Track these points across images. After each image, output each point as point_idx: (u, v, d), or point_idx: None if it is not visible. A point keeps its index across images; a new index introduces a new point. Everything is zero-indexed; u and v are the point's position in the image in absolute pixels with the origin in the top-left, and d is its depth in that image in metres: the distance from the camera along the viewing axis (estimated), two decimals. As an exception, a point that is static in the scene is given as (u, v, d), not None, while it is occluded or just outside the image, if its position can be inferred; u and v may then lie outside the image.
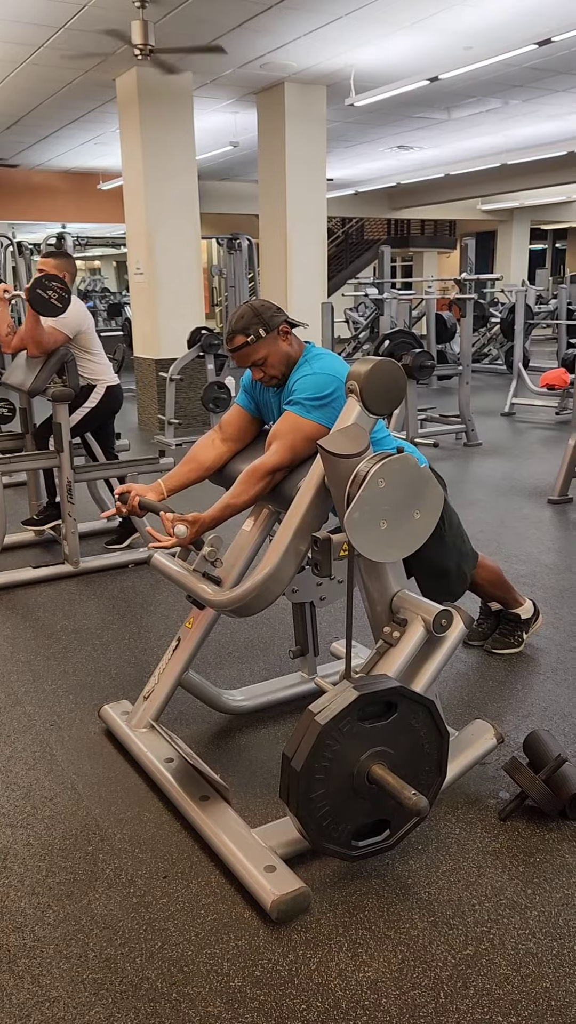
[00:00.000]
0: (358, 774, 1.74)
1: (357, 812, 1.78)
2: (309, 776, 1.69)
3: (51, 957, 1.70)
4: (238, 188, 13.87)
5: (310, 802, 1.71)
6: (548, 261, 23.27)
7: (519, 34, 6.27)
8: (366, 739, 1.74)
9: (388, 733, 1.76)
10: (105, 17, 5.84)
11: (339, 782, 1.73)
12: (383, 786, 1.71)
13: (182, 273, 7.77)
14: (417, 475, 1.88)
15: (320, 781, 1.71)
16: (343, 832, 1.78)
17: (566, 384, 7.73)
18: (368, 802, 1.78)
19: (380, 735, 1.75)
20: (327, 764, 1.71)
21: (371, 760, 1.74)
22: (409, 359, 5.67)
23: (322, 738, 1.68)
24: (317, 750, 1.68)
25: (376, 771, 1.72)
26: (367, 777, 1.73)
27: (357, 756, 1.73)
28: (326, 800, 1.73)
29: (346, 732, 1.71)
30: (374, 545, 1.84)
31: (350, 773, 1.74)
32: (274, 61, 7.11)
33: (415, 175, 13.87)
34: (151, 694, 2.44)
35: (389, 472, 1.82)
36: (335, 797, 1.74)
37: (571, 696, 2.69)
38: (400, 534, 1.88)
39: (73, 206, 13.27)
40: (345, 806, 1.76)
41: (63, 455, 3.85)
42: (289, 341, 2.32)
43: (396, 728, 1.77)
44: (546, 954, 1.67)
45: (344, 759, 1.73)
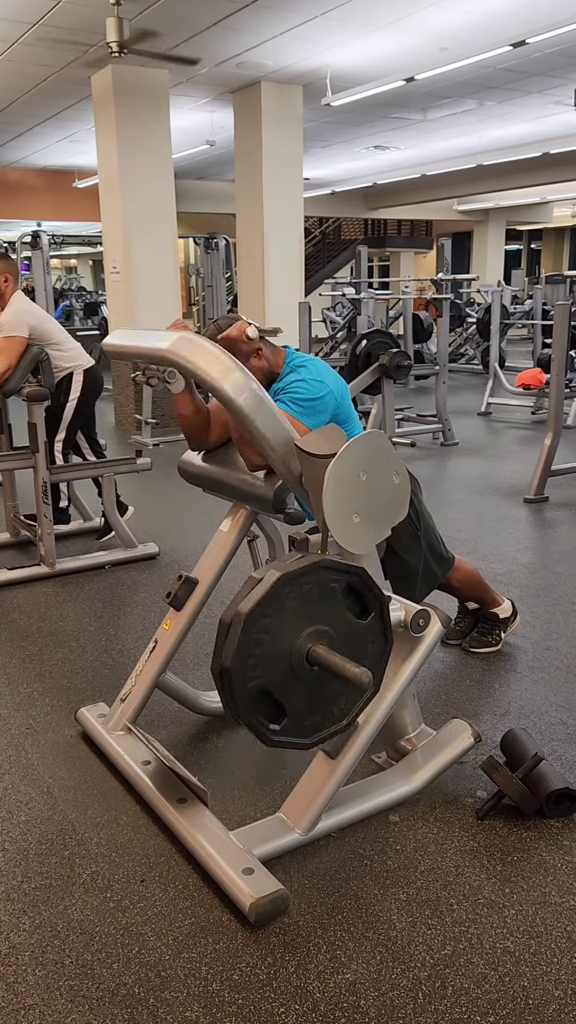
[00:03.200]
0: (296, 657, 1.64)
1: (292, 695, 1.67)
2: (249, 632, 1.58)
3: (26, 964, 1.68)
4: (215, 187, 13.84)
5: (244, 666, 1.60)
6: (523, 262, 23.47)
7: (494, 36, 6.30)
8: (299, 619, 1.64)
9: (322, 611, 1.67)
10: (80, 13, 5.80)
11: (277, 669, 1.63)
12: (324, 665, 1.62)
13: (159, 272, 7.74)
14: (381, 442, 1.85)
15: (259, 644, 1.61)
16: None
17: (541, 384, 7.79)
18: (305, 687, 1.68)
19: (314, 613, 1.66)
20: (268, 626, 1.61)
21: (309, 641, 1.64)
22: (386, 359, 5.67)
23: (272, 593, 1.58)
24: (263, 605, 1.58)
25: (315, 651, 1.63)
26: (306, 656, 1.64)
27: (292, 640, 1.64)
28: (260, 668, 1.62)
29: (294, 598, 1.62)
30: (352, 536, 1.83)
31: (288, 648, 1.64)
32: (250, 60, 7.10)
33: (391, 175, 13.91)
34: (128, 696, 2.43)
35: (353, 451, 1.79)
36: (270, 668, 1.63)
37: (548, 695, 2.70)
38: (383, 505, 1.85)
39: (48, 204, 13.16)
40: (280, 684, 1.66)
41: (38, 456, 3.81)
42: (262, 357, 2.29)
43: (330, 604, 1.68)
44: (523, 953, 1.68)
45: (284, 628, 1.63)
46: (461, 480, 5.75)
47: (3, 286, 4.03)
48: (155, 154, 7.51)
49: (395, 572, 2.40)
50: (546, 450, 5.08)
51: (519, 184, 13.95)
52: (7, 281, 4.04)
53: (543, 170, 12.83)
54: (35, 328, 4.02)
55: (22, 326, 3.94)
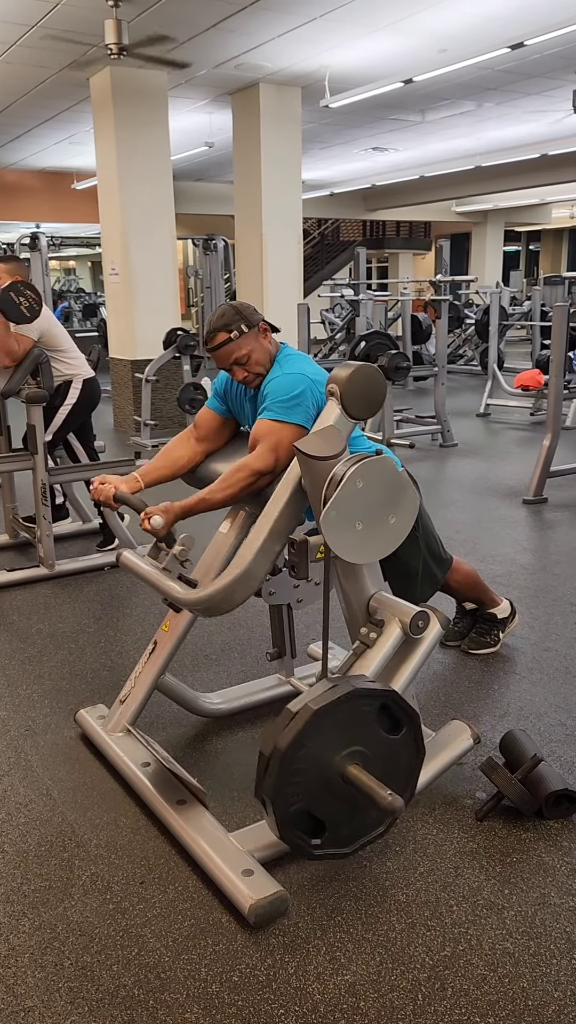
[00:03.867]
0: (333, 777, 1.72)
1: (330, 811, 1.75)
2: (288, 764, 1.65)
3: (26, 966, 1.68)
4: (214, 189, 13.84)
5: (285, 794, 1.67)
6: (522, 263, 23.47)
7: (492, 37, 6.31)
8: (334, 744, 1.71)
9: (356, 732, 1.73)
10: (79, 16, 5.80)
11: (316, 791, 1.71)
12: (358, 787, 1.69)
13: (158, 274, 7.74)
14: (394, 478, 1.88)
15: (297, 772, 1.67)
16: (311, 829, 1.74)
17: (540, 385, 7.79)
18: (342, 802, 1.75)
19: (348, 736, 1.72)
20: (305, 756, 1.67)
21: (345, 761, 1.71)
22: (385, 360, 5.67)
23: (308, 727, 1.64)
24: (299, 739, 1.64)
25: (351, 772, 1.71)
26: (342, 776, 1.71)
27: (330, 761, 1.71)
28: (300, 793, 1.69)
29: (329, 726, 1.67)
30: (350, 546, 1.84)
31: (325, 770, 1.70)
32: (249, 62, 7.10)
33: (390, 177, 13.92)
34: (127, 698, 2.43)
35: (367, 473, 1.81)
36: (310, 792, 1.70)
37: (546, 696, 2.71)
38: (376, 536, 1.88)
39: (47, 206, 13.16)
40: (319, 803, 1.73)
41: (37, 457, 3.81)
42: (269, 339, 2.32)
43: (363, 725, 1.73)
44: (523, 954, 1.68)
45: (321, 754, 1.69)
46: (460, 481, 5.76)
47: None
48: (154, 156, 7.52)
49: (395, 574, 2.40)
50: (545, 451, 5.08)
51: (517, 185, 13.97)
52: None
53: (541, 171, 12.85)
54: (45, 332, 4.03)
55: (33, 328, 3.95)
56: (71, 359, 4.20)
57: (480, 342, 11.08)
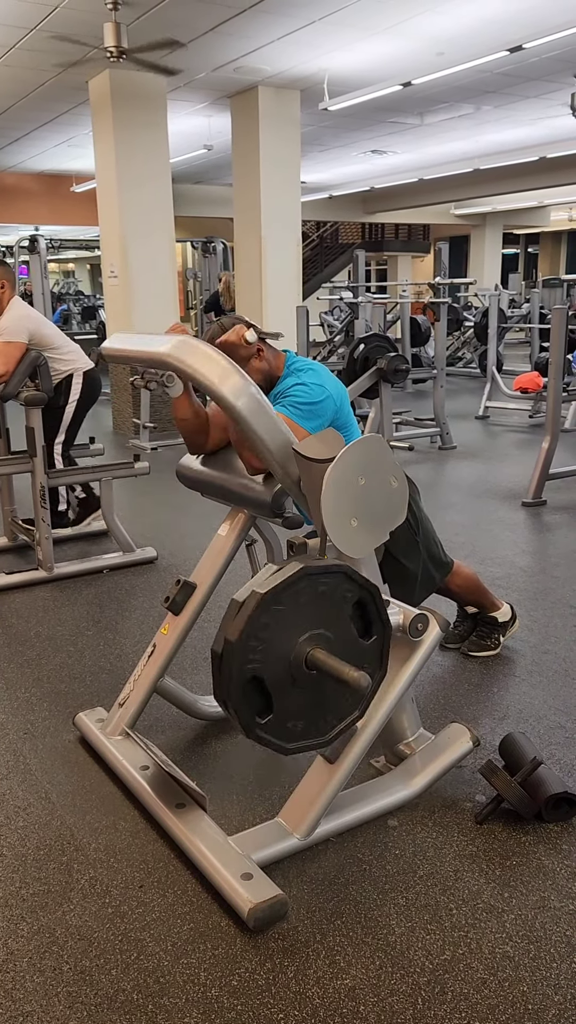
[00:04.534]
0: (296, 657, 1.63)
1: (296, 703, 1.67)
2: (246, 650, 1.59)
3: (24, 970, 1.67)
4: (212, 191, 13.85)
5: (245, 684, 1.60)
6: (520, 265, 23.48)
7: (491, 41, 6.32)
8: (306, 618, 1.64)
9: (329, 617, 1.67)
10: (78, 19, 5.81)
11: (276, 660, 1.62)
12: (322, 668, 1.61)
13: (157, 276, 7.74)
14: (378, 446, 1.85)
15: (255, 657, 1.61)
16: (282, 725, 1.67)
17: (539, 388, 7.80)
18: (307, 692, 1.67)
19: (321, 617, 1.66)
20: (264, 638, 1.61)
21: (310, 643, 1.64)
22: (384, 363, 5.68)
23: (260, 609, 1.58)
24: (254, 622, 1.58)
25: (315, 654, 1.62)
26: (305, 660, 1.63)
27: (295, 638, 1.63)
28: (258, 662, 1.62)
29: (284, 607, 1.61)
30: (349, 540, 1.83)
31: (287, 656, 1.63)
32: (248, 65, 7.11)
33: (389, 179, 13.94)
34: (126, 701, 2.42)
35: (351, 455, 1.79)
36: (270, 677, 1.63)
37: (546, 699, 2.70)
38: (381, 507, 1.86)
39: (46, 208, 13.18)
40: (280, 692, 1.66)
41: (36, 460, 3.81)
42: (263, 359, 2.31)
43: (337, 612, 1.68)
44: (523, 957, 1.67)
45: (281, 639, 1.62)
46: (459, 484, 5.76)
47: (0, 292, 4.04)
48: (153, 158, 7.52)
49: (394, 576, 2.40)
50: (544, 454, 5.08)
51: (516, 188, 13.98)
52: (3, 287, 4.05)
53: (540, 174, 12.86)
54: (34, 333, 4.04)
55: (22, 332, 3.95)
56: (66, 354, 4.21)
57: (479, 344, 11.09)
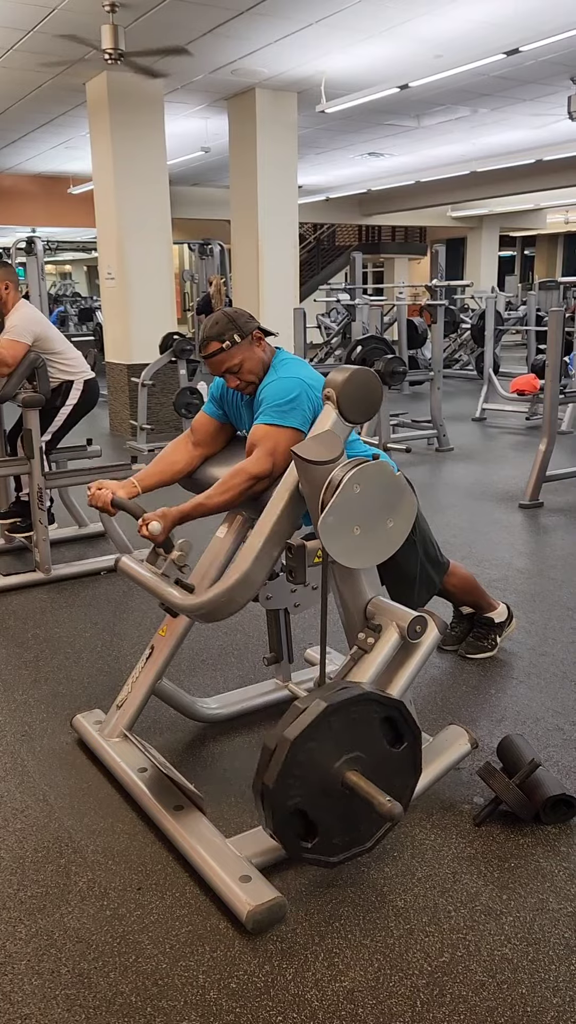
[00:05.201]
0: (333, 782, 1.72)
1: (324, 816, 1.75)
2: (292, 757, 1.66)
3: (23, 973, 1.67)
4: (210, 193, 13.86)
5: (285, 786, 1.68)
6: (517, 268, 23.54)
7: (488, 44, 6.33)
8: (338, 746, 1.72)
9: (360, 738, 1.74)
10: (75, 21, 5.81)
11: (314, 791, 1.71)
12: (357, 792, 1.69)
13: (154, 278, 7.74)
14: (392, 482, 1.88)
15: (299, 767, 1.68)
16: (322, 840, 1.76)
17: (536, 390, 7.81)
18: (346, 807, 1.76)
19: (352, 740, 1.73)
20: (309, 753, 1.68)
21: (345, 767, 1.72)
22: (381, 365, 5.68)
23: (292, 754, 1.66)
24: (288, 765, 1.66)
25: (350, 778, 1.71)
26: (341, 783, 1.71)
27: (331, 764, 1.72)
28: (299, 791, 1.70)
29: (315, 743, 1.69)
30: (348, 551, 1.84)
31: (325, 782, 1.72)
32: (245, 67, 7.12)
33: (386, 182, 13.96)
34: (124, 703, 2.42)
35: (364, 478, 1.82)
36: (308, 791, 1.71)
37: (544, 700, 2.70)
38: (373, 540, 1.88)
39: (43, 210, 13.18)
40: (315, 805, 1.73)
41: (33, 462, 3.81)
42: (263, 347, 2.33)
43: (367, 732, 1.75)
44: (521, 960, 1.68)
45: (317, 770, 1.70)
46: (456, 485, 5.76)
47: (4, 293, 4.04)
48: (150, 160, 7.53)
49: (392, 578, 2.40)
50: (541, 456, 5.09)
51: (513, 191, 14.01)
52: (8, 288, 4.04)
53: (536, 177, 12.89)
54: (39, 336, 4.04)
55: (28, 333, 3.96)
56: (67, 361, 4.20)
57: (476, 346, 11.10)
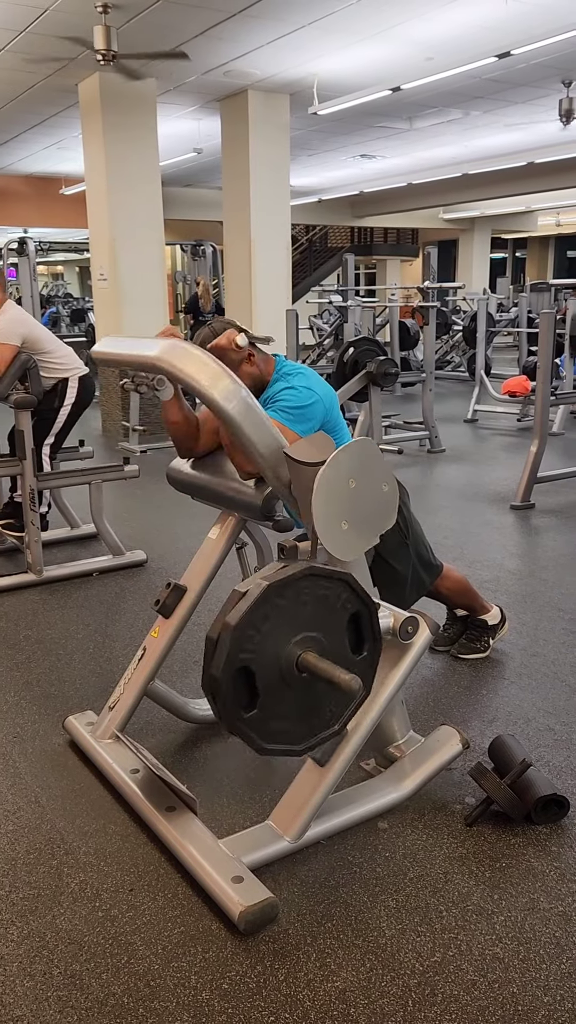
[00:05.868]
0: (288, 658, 1.65)
1: (281, 704, 1.68)
2: (243, 638, 1.60)
3: (14, 975, 1.67)
4: (202, 194, 13.86)
5: (235, 672, 1.61)
6: (508, 270, 23.62)
7: (480, 46, 6.36)
8: (303, 620, 1.66)
9: (325, 620, 1.68)
10: (67, 22, 5.80)
11: (267, 660, 1.64)
12: (314, 670, 1.62)
13: (146, 279, 7.74)
14: (371, 451, 1.87)
15: (249, 651, 1.62)
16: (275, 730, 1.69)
17: (527, 391, 7.83)
18: (292, 696, 1.68)
19: (316, 620, 1.68)
20: (259, 635, 1.62)
21: (303, 645, 1.65)
22: (373, 366, 5.69)
23: (264, 599, 1.59)
24: (254, 610, 1.59)
25: (308, 657, 1.64)
26: (297, 662, 1.64)
27: (290, 638, 1.65)
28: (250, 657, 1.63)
29: (286, 603, 1.63)
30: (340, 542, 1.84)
31: (280, 655, 1.64)
32: (237, 69, 7.12)
33: (378, 184, 13.99)
34: (116, 704, 2.42)
35: (343, 458, 1.80)
36: (260, 676, 1.64)
37: (535, 701, 2.72)
38: (372, 515, 1.86)
39: (35, 211, 13.15)
40: (275, 700, 1.67)
41: (26, 463, 3.80)
42: (253, 363, 2.32)
43: (333, 619, 1.69)
44: (512, 959, 1.68)
45: (277, 635, 1.64)
46: (448, 487, 5.78)
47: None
48: (142, 161, 7.52)
49: (384, 579, 2.40)
50: (532, 457, 5.10)
51: (504, 193, 14.07)
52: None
53: (528, 179, 12.94)
54: (27, 336, 4.03)
55: (15, 335, 3.95)
56: (58, 359, 4.19)
57: (467, 348, 11.12)
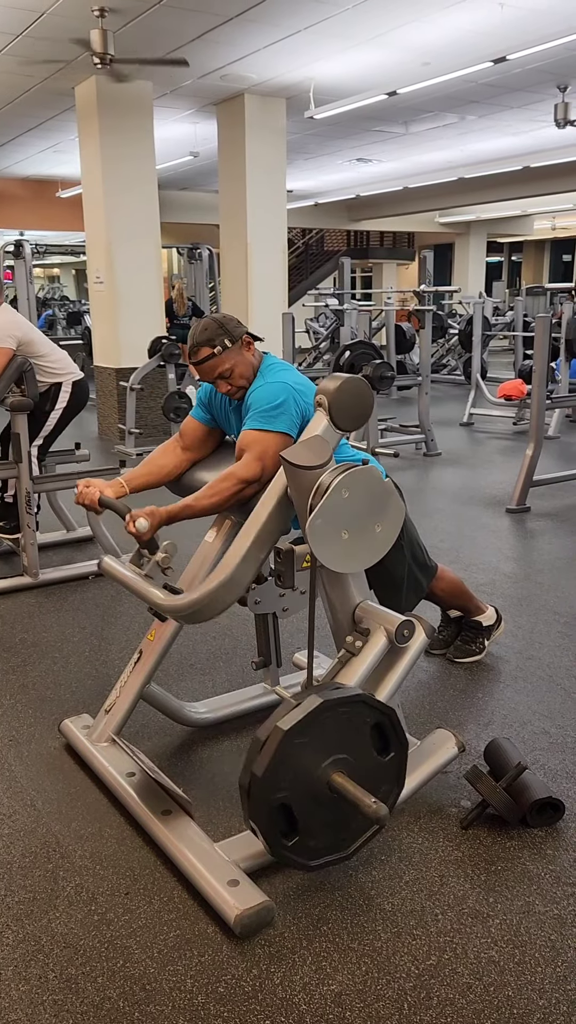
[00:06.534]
0: (318, 782, 1.72)
1: (319, 822, 1.76)
2: (272, 784, 1.67)
3: (10, 979, 1.66)
4: (199, 198, 13.87)
5: (271, 812, 1.69)
6: (504, 274, 23.66)
7: (475, 51, 6.38)
8: (327, 745, 1.72)
9: (348, 740, 1.75)
10: (64, 25, 5.81)
11: (300, 788, 1.71)
12: (343, 794, 1.69)
13: (142, 282, 7.74)
14: (380, 488, 1.89)
15: (282, 786, 1.68)
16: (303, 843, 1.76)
17: (523, 395, 7.85)
18: (328, 812, 1.76)
19: (340, 742, 1.74)
20: (289, 769, 1.68)
21: (331, 768, 1.72)
22: (369, 370, 5.70)
23: (283, 745, 1.65)
24: (278, 757, 1.66)
25: (336, 779, 1.71)
26: (328, 786, 1.72)
27: (318, 764, 1.71)
28: (286, 789, 1.70)
29: (306, 739, 1.69)
30: (336, 555, 1.85)
31: (310, 782, 1.72)
32: (234, 72, 7.14)
33: (374, 187, 14.01)
34: (112, 707, 2.42)
35: (353, 483, 1.83)
36: (296, 803, 1.72)
37: (530, 704, 2.72)
38: (361, 545, 1.88)
39: (31, 214, 13.15)
40: (305, 814, 1.74)
41: (21, 465, 3.80)
42: (252, 352, 2.34)
43: (356, 735, 1.76)
44: (508, 962, 1.68)
45: (304, 768, 1.70)
46: (444, 490, 5.78)
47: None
48: (139, 165, 7.53)
49: (380, 583, 2.41)
50: (528, 460, 5.11)
51: (500, 197, 14.08)
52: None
53: (524, 183, 12.97)
54: (22, 340, 4.03)
55: (10, 339, 3.95)
56: (53, 363, 4.20)
57: (463, 352, 11.15)
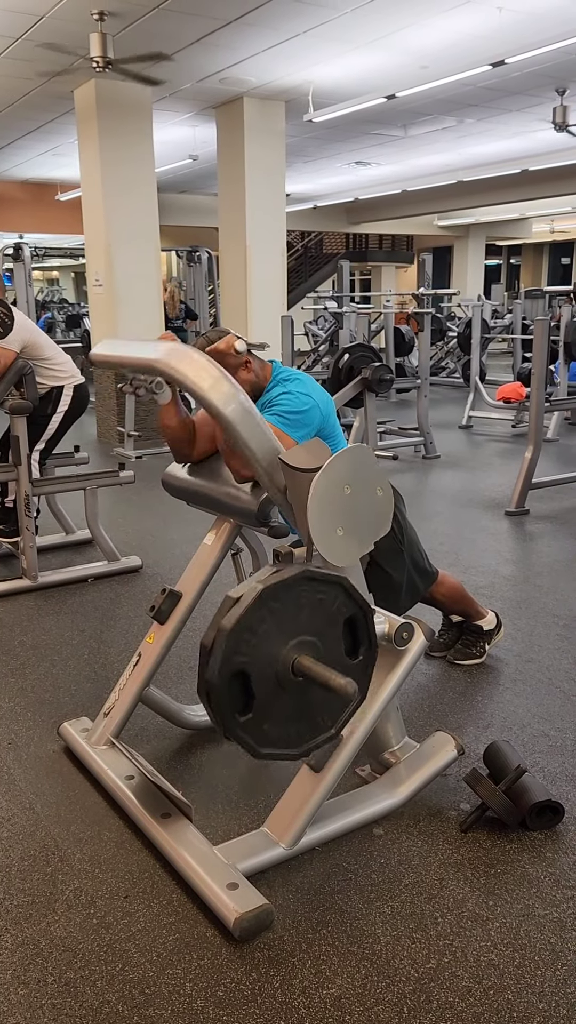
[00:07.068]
0: (283, 662, 1.64)
1: (276, 708, 1.67)
2: (236, 643, 1.58)
3: (8, 983, 1.66)
4: (198, 201, 13.88)
5: (231, 677, 1.60)
6: (503, 276, 23.70)
7: (474, 55, 6.39)
8: (297, 625, 1.66)
9: (319, 627, 1.68)
10: (63, 29, 5.82)
11: (262, 664, 1.63)
12: (309, 675, 1.62)
13: (141, 285, 7.75)
14: (362, 457, 1.87)
15: (244, 655, 1.61)
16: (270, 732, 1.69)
17: (522, 398, 7.86)
18: (288, 701, 1.68)
19: (311, 626, 1.68)
20: (255, 638, 1.61)
21: (297, 649, 1.65)
22: (368, 372, 5.71)
23: (258, 603, 1.59)
24: (249, 614, 1.58)
25: (303, 661, 1.64)
26: (292, 668, 1.64)
27: (285, 642, 1.65)
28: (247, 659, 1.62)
29: (280, 606, 1.63)
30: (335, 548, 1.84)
31: (275, 659, 1.64)
32: (233, 76, 7.15)
33: (373, 190, 14.02)
34: (111, 710, 2.42)
35: (341, 464, 1.81)
36: (255, 680, 1.64)
37: (530, 707, 2.72)
38: (365, 519, 1.87)
39: (30, 216, 13.16)
40: (271, 704, 1.67)
41: (20, 468, 3.80)
42: (250, 370, 2.34)
43: (329, 625, 1.69)
44: (508, 965, 1.68)
45: (271, 639, 1.63)
46: (443, 493, 5.79)
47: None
48: (138, 168, 7.54)
49: (378, 585, 2.41)
50: (527, 463, 5.12)
51: (499, 200, 14.11)
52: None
53: (522, 187, 12.99)
54: (27, 342, 4.03)
55: (15, 341, 3.95)
56: (56, 366, 4.20)
57: (462, 355, 11.16)
